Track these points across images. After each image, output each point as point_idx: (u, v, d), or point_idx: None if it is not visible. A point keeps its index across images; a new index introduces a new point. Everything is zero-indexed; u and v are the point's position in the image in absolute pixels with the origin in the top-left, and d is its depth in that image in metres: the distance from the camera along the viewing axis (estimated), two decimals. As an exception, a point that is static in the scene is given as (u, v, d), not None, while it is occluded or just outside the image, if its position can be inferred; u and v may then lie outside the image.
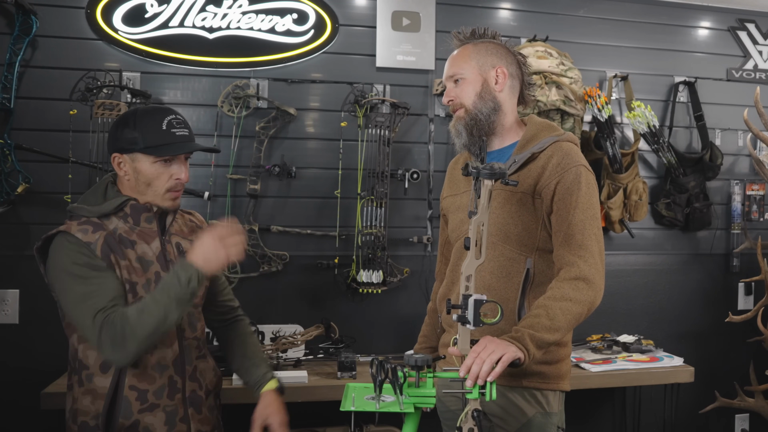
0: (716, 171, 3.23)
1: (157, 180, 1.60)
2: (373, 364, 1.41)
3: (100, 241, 1.55)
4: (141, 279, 1.59)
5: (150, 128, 1.59)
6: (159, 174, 1.60)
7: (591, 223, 1.62)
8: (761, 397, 3.11)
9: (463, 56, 1.76)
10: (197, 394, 1.67)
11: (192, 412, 1.65)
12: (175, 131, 1.60)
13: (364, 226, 2.83)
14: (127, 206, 1.62)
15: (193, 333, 1.68)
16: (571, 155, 1.68)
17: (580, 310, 1.55)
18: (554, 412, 1.69)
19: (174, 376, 1.62)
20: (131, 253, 1.59)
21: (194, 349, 1.68)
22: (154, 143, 1.58)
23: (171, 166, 1.61)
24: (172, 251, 1.67)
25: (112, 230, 1.59)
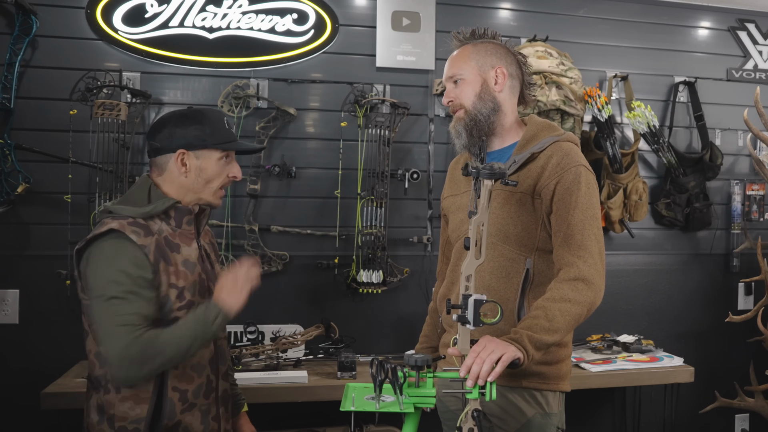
0: (716, 171, 3.23)
1: (218, 177, 1.65)
2: (373, 364, 1.41)
3: (152, 246, 1.54)
4: (187, 283, 1.60)
5: (217, 125, 1.65)
6: (221, 171, 1.65)
7: (591, 223, 1.62)
8: (761, 397, 3.11)
9: (463, 57, 1.75)
10: (228, 393, 1.74)
11: (222, 411, 1.70)
12: (232, 129, 1.69)
13: (364, 226, 2.83)
14: (173, 209, 1.62)
15: (223, 333, 1.73)
16: (571, 155, 1.67)
17: (579, 311, 1.55)
18: (554, 412, 1.69)
19: (210, 375, 1.66)
20: (177, 257, 1.59)
21: (226, 349, 1.75)
22: (223, 140, 1.64)
23: (229, 165, 1.67)
24: (204, 253, 1.71)
25: (157, 234, 1.57)
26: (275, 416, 2.60)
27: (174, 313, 1.57)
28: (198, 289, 1.63)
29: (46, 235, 2.66)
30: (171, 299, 1.56)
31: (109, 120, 2.58)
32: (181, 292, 1.58)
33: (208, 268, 1.69)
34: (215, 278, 1.70)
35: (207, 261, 1.71)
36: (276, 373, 2.51)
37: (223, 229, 2.78)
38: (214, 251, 1.80)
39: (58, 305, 2.66)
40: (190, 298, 1.60)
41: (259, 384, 2.41)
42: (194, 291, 1.61)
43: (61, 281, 2.61)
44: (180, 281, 1.58)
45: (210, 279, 1.68)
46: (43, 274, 2.64)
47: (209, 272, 1.69)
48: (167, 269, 1.56)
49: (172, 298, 1.56)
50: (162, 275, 1.54)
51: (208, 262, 1.71)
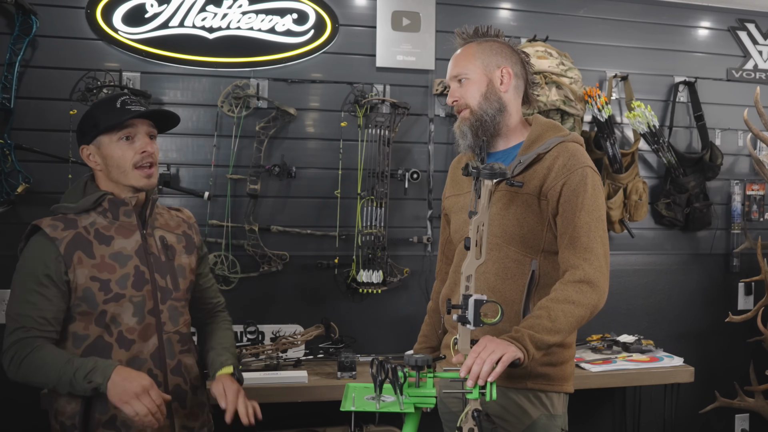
0: (716, 171, 3.23)
1: (123, 158, 1.61)
2: (373, 364, 1.41)
3: (67, 239, 1.58)
4: (114, 275, 1.60)
5: (105, 110, 1.62)
6: (124, 152, 1.61)
7: (597, 225, 1.62)
8: (761, 397, 3.11)
9: (468, 56, 1.74)
10: (182, 388, 1.68)
11: (176, 406, 1.66)
12: (129, 107, 1.62)
13: (364, 226, 2.83)
14: (105, 201, 1.64)
15: (175, 327, 1.69)
16: (577, 156, 1.67)
17: (582, 313, 1.55)
18: (558, 414, 1.69)
19: (153, 370, 1.63)
20: (104, 250, 1.60)
21: (176, 343, 1.69)
22: (111, 122, 1.60)
23: (135, 143, 1.62)
24: (155, 244, 1.68)
25: (87, 226, 1.61)
26: (275, 416, 2.60)
27: (101, 306, 1.58)
28: (132, 281, 1.61)
29: (46, 235, 2.65)
30: (94, 291, 1.57)
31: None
32: (105, 284, 1.58)
33: (153, 260, 1.66)
34: (170, 270, 1.68)
35: (159, 253, 1.67)
36: (276, 373, 2.51)
37: (223, 229, 2.78)
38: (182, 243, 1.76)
39: (58, 305, 2.66)
40: (118, 290, 1.59)
41: (259, 384, 2.41)
42: (125, 284, 1.60)
43: (61, 281, 2.61)
44: (104, 273, 1.58)
45: (157, 271, 1.66)
46: (43, 274, 2.63)
47: (158, 264, 1.67)
48: (86, 261, 1.58)
49: (94, 290, 1.58)
50: (77, 267, 1.57)
51: (162, 254, 1.68)
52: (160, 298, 1.66)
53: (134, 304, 1.62)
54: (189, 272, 1.76)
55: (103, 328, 1.60)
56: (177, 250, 1.73)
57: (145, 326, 1.63)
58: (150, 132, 1.66)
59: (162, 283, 1.67)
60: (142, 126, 1.64)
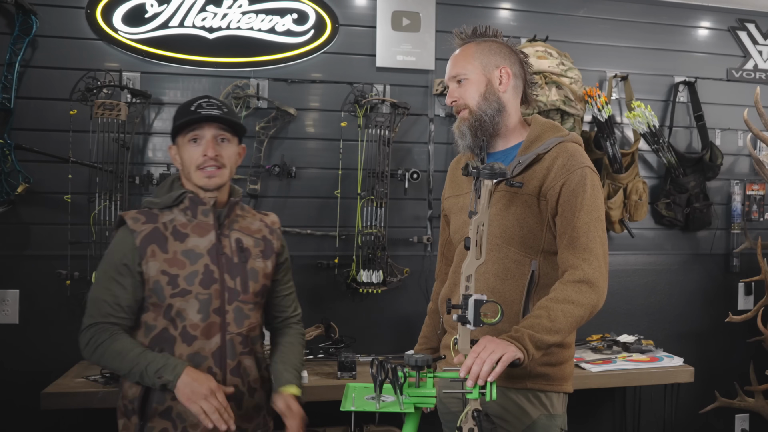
0: (716, 171, 3.23)
1: (190, 159, 1.68)
2: (373, 364, 1.41)
3: (144, 232, 1.65)
4: (183, 271, 1.64)
5: (181, 111, 1.69)
6: (191, 154, 1.67)
7: (596, 225, 1.62)
8: (761, 397, 3.11)
9: (466, 56, 1.73)
10: (239, 389, 1.70)
11: (232, 406, 1.66)
12: (201, 110, 1.66)
13: (364, 226, 2.83)
14: (186, 199, 1.70)
15: (239, 328, 1.70)
16: (577, 156, 1.67)
17: (581, 313, 1.55)
18: (558, 414, 1.69)
19: (213, 368, 1.66)
20: (178, 246, 1.66)
21: (238, 345, 1.70)
22: (179, 123, 1.67)
23: (199, 146, 1.67)
24: (229, 245, 1.71)
25: (167, 222, 1.68)
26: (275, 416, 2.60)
27: (168, 299, 1.64)
28: (200, 279, 1.65)
29: (46, 235, 2.66)
30: (162, 285, 1.64)
31: (109, 120, 2.58)
32: (173, 279, 1.64)
33: (225, 260, 1.69)
34: (241, 272, 1.71)
35: (232, 254, 1.70)
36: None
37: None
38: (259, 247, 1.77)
39: (58, 305, 2.66)
40: (185, 286, 1.64)
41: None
42: (193, 280, 1.64)
43: (61, 281, 2.61)
44: (174, 269, 1.64)
45: (227, 271, 1.69)
46: (43, 274, 2.64)
47: (230, 265, 1.70)
48: (159, 255, 1.64)
49: (163, 284, 1.63)
50: (150, 260, 1.64)
51: (235, 256, 1.70)
52: (227, 299, 1.69)
53: (200, 301, 1.65)
54: (262, 276, 1.76)
55: (169, 321, 1.66)
56: (252, 253, 1.75)
57: (209, 324, 1.66)
58: (219, 135, 1.69)
59: (231, 284, 1.69)
60: (209, 129, 1.67)
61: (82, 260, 2.63)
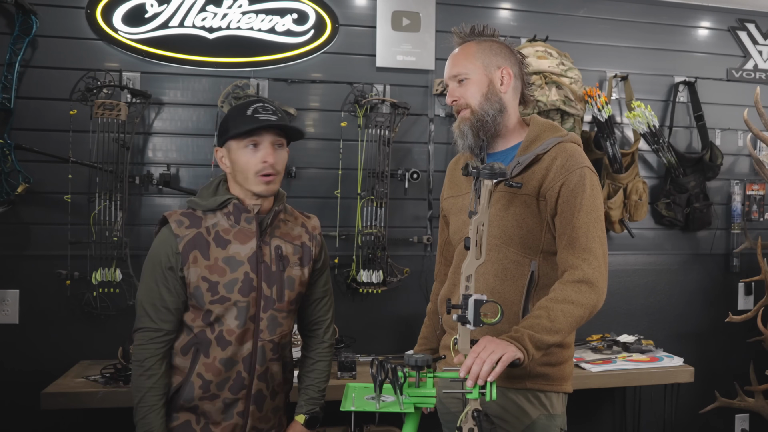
0: (716, 171, 3.23)
1: (247, 165, 1.67)
2: (373, 364, 1.41)
3: (188, 237, 1.67)
4: (224, 278, 1.66)
5: (237, 116, 1.68)
6: (248, 159, 1.67)
7: (595, 225, 1.62)
8: (761, 397, 3.11)
9: (467, 55, 1.73)
10: (263, 393, 1.74)
11: (253, 409, 1.72)
12: (259, 116, 1.66)
13: (364, 226, 2.83)
14: (230, 204, 1.70)
15: (271, 336, 1.72)
16: (576, 156, 1.67)
17: (581, 313, 1.55)
18: (558, 414, 1.69)
19: (242, 373, 1.69)
20: (220, 253, 1.67)
21: (269, 351, 1.72)
22: (241, 128, 1.66)
23: (259, 151, 1.67)
24: (269, 253, 1.72)
25: (210, 227, 1.69)
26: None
27: (207, 305, 1.66)
28: (240, 287, 1.67)
29: (46, 235, 2.66)
30: (202, 291, 1.66)
31: (109, 120, 2.58)
32: (213, 286, 1.66)
33: (264, 268, 1.70)
34: (278, 280, 1.72)
35: (271, 262, 1.71)
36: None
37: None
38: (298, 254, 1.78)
39: (58, 305, 2.66)
40: (224, 293, 1.66)
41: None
42: (233, 288, 1.66)
43: (61, 281, 2.61)
44: (214, 276, 1.66)
45: (265, 279, 1.70)
46: (43, 274, 2.64)
47: (268, 273, 1.71)
48: (201, 261, 1.66)
49: (203, 290, 1.66)
50: (192, 266, 1.65)
51: (273, 264, 1.71)
52: (262, 306, 1.71)
53: (239, 308, 1.67)
54: (298, 284, 1.78)
55: (207, 324, 1.68)
56: (291, 261, 1.76)
57: (244, 331, 1.68)
58: (276, 141, 1.70)
59: (267, 292, 1.71)
60: (268, 135, 1.68)
61: (82, 260, 2.63)
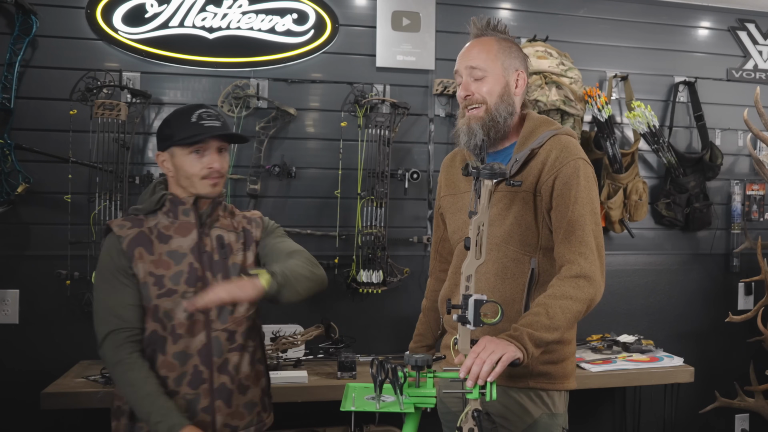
0: (716, 171, 3.23)
1: (192, 170, 1.68)
2: (373, 364, 1.41)
3: (130, 236, 1.68)
4: (169, 272, 1.66)
5: (181, 122, 1.68)
6: (193, 165, 1.67)
7: (590, 218, 1.61)
8: (761, 397, 3.11)
9: (488, 51, 1.71)
10: (227, 387, 1.70)
11: (220, 404, 1.68)
12: (203, 122, 1.67)
13: (364, 226, 2.83)
14: (166, 201, 1.72)
15: (223, 324, 1.70)
16: (570, 148, 1.66)
17: (579, 308, 1.55)
18: (560, 413, 1.69)
19: (199, 366, 1.66)
20: (163, 248, 1.68)
21: (225, 341, 1.70)
22: (184, 135, 1.66)
23: (204, 157, 1.68)
24: (210, 243, 1.72)
25: (152, 226, 1.70)
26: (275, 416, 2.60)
27: (154, 300, 1.66)
28: (186, 278, 1.66)
29: (46, 235, 2.66)
30: (149, 286, 1.66)
31: (109, 120, 2.58)
32: (159, 280, 1.66)
33: (207, 258, 1.70)
34: (222, 268, 1.71)
35: (213, 251, 1.71)
36: (276, 373, 2.50)
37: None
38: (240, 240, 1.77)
39: (58, 305, 2.66)
40: (171, 286, 1.66)
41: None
42: (179, 280, 1.66)
43: (61, 281, 2.61)
44: (160, 270, 1.66)
45: (210, 269, 1.69)
46: (43, 274, 2.63)
47: (211, 262, 1.70)
48: (146, 257, 1.66)
49: (149, 285, 1.66)
50: (138, 262, 1.66)
51: (216, 253, 1.71)
52: None
53: (187, 300, 1.66)
54: (244, 269, 1.76)
55: (158, 322, 1.66)
56: (234, 248, 1.76)
57: (193, 322, 1.67)
58: (220, 146, 1.71)
59: (213, 281, 1.69)
60: (213, 141, 1.69)
61: (82, 260, 2.63)
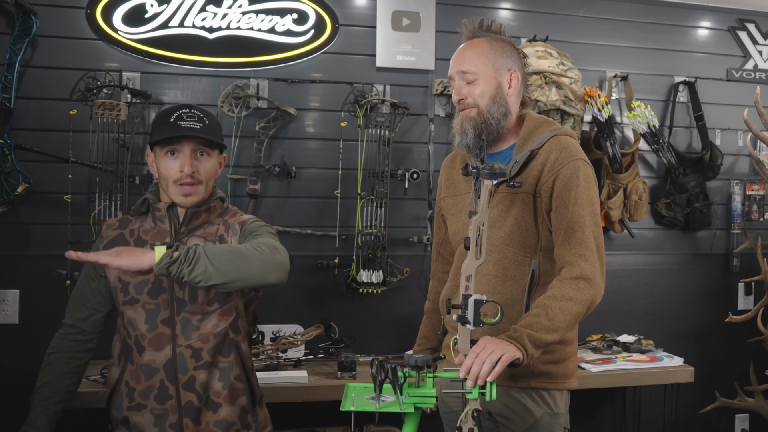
0: (716, 171, 3.23)
1: (166, 173, 1.62)
2: (373, 364, 1.41)
3: (109, 238, 1.67)
4: (135, 279, 1.63)
5: (160, 122, 1.63)
6: (168, 167, 1.61)
7: (590, 219, 1.61)
8: (761, 397, 3.11)
9: (479, 54, 1.70)
10: (194, 405, 1.62)
11: (187, 422, 1.62)
12: (181, 123, 1.60)
13: (364, 226, 2.83)
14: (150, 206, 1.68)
15: (187, 341, 1.61)
16: (569, 149, 1.66)
17: (579, 310, 1.55)
18: (561, 412, 1.69)
19: (165, 381, 1.61)
20: None
21: (189, 358, 1.61)
22: (158, 135, 1.61)
23: (177, 160, 1.60)
24: None
25: (136, 229, 1.68)
26: (275, 416, 2.60)
27: (120, 307, 1.65)
28: (149, 288, 1.62)
29: (46, 235, 2.66)
30: (117, 292, 1.65)
31: (109, 120, 2.58)
32: (125, 287, 1.64)
33: None
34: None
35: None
36: (276, 373, 2.50)
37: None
38: None
39: (58, 305, 2.64)
40: (134, 294, 1.62)
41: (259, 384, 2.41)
42: (142, 289, 1.61)
43: (61, 281, 2.61)
44: (127, 276, 1.62)
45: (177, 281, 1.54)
46: (43, 274, 2.63)
47: None
48: None
49: (117, 291, 1.65)
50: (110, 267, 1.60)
51: None
52: (175, 309, 1.62)
53: (146, 310, 1.62)
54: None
55: (125, 330, 1.65)
56: None
57: (157, 335, 1.61)
58: (198, 149, 1.62)
59: (179, 294, 1.62)
60: (188, 143, 1.60)
61: (82, 260, 2.62)
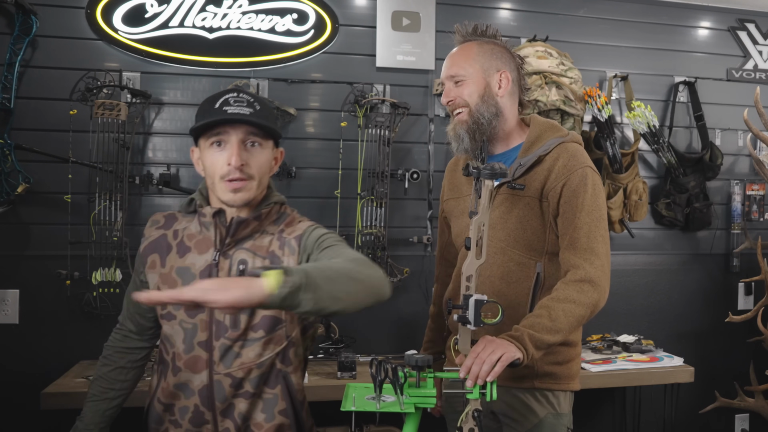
0: (716, 171, 3.23)
1: (213, 167, 1.40)
2: (373, 364, 1.41)
3: (150, 239, 1.50)
4: None
5: (205, 108, 1.41)
6: (214, 161, 1.39)
7: (597, 225, 1.62)
8: (761, 397, 3.11)
9: (467, 57, 1.72)
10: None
11: None
12: (227, 108, 1.37)
13: (364, 226, 2.83)
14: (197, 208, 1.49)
15: (227, 369, 1.43)
16: (578, 156, 1.67)
17: (582, 313, 1.55)
18: (565, 413, 1.70)
19: (200, 407, 1.45)
20: (176, 261, 1.45)
21: (228, 387, 1.44)
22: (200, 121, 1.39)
23: (224, 152, 1.38)
24: (227, 268, 1.42)
25: (180, 230, 1.48)
26: None
27: (159, 319, 1.49)
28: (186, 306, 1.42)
29: (46, 235, 2.66)
30: None
31: (109, 120, 2.58)
32: None
33: None
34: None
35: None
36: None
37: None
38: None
39: (58, 305, 2.66)
40: (171, 309, 1.44)
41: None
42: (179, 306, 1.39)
43: (61, 281, 2.61)
44: (165, 287, 1.43)
45: None
46: (43, 274, 2.63)
47: None
48: (158, 268, 1.46)
49: None
50: (150, 271, 1.47)
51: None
52: (214, 333, 1.43)
53: (184, 330, 1.44)
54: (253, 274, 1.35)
55: (162, 344, 1.50)
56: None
57: (193, 358, 1.44)
58: (249, 139, 1.40)
59: (220, 317, 1.42)
60: (236, 131, 1.38)
61: (82, 260, 2.62)
